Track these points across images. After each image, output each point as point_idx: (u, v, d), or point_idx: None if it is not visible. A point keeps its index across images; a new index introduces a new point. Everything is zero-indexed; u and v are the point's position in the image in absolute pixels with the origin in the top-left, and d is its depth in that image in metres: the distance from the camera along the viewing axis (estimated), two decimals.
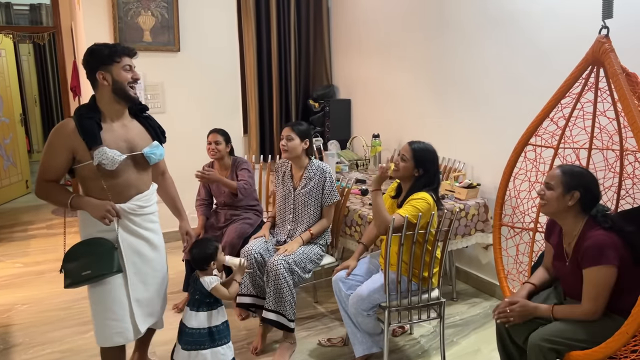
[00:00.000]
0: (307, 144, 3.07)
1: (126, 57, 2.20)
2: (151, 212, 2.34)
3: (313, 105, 5.26)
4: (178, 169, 4.84)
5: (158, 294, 2.42)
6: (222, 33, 4.90)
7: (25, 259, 4.48)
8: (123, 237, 2.22)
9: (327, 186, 3.08)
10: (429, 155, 2.66)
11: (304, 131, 3.05)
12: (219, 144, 3.49)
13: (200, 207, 3.66)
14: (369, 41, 4.80)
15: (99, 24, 4.38)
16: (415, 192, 2.61)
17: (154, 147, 2.29)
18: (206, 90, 4.89)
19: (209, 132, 3.56)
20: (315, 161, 3.14)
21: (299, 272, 2.94)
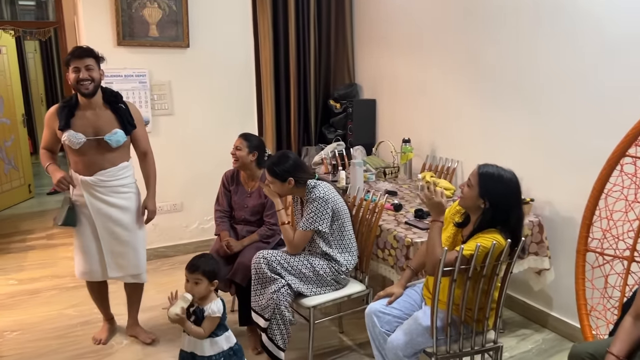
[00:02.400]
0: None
1: (75, 60, 2.62)
2: (118, 185, 2.80)
3: (334, 105, 4.82)
4: (187, 174, 4.45)
5: (133, 249, 2.90)
6: (236, 27, 4.46)
7: (20, 274, 4.09)
8: (90, 202, 2.77)
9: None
10: (500, 187, 2.13)
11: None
12: (240, 150, 3.06)
13: (222, 221, 3.22)
14: (396, 34, 4.34)
15: (99, 16, 3.96)
16: (484, 228, 2.14)
17: (112, 134, 2.70)
18: (218, 90, 4.46)
19: None
20: (319, 187, 2.68)
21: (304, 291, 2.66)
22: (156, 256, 4.41)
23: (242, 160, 3.06)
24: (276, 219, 3.09)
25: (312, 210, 2.60)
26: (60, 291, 3.77)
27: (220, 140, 4.48)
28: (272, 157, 2.77)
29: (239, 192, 3.20)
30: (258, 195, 3.13)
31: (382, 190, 3.55)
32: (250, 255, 2.97)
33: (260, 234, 3.10)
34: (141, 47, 4.10)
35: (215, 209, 3.28)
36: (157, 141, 4.23)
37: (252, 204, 3.15)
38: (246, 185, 3.18)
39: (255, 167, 3.12)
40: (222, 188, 3.26)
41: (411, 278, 2.49)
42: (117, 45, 4.02)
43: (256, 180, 3.15)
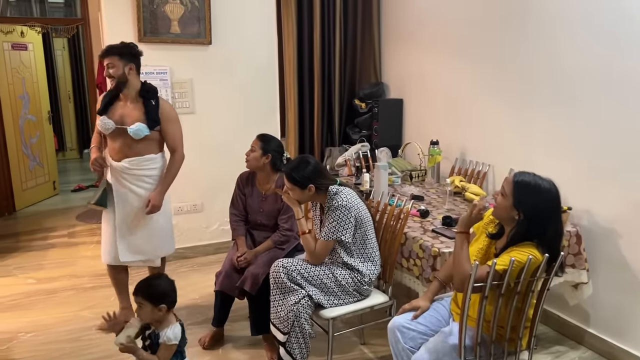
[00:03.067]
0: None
1: (101, 59, 2.90)
2: (142, 175, 2.95)
3: (359, 105, 4.66)
4: (208, 175, 4.36)
5: (148, 239, 3.05)
6: (259, 24, 4.34)
7: (39, 273, 4.06)
8: (115, 186, 2.97)
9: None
10: (536, 198, 1.95)
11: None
12: (253, 151, 2.94)
13: (237, 225, 3.11)
14: (425, 32, 4.16)
15: (121, 12, 3.89)
16: (519, 241, 1.97)
17: (134, 126, 2.84)
18: (240, 89, 4.35)
19: None
20: (341, 193, 2.52)
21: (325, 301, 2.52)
22: (175, 257, 4.33)
23: (252, 162, 2.94)
24: (291, 224, 2.97)
25: (335, 219, 2.45)
26: (78, 292, 3.72)
27: (241, 139, 4.32)
28: (291, 162, 2.62)
29: (254, 194, 3.08)
30: (274, 199, 3.00)
31: (407, 195, 3.39)
32: (260, 263, 2.86)
33: (274, 240, 2.97)
34: (162, 43, 4.02)
35: (231, 212, 3.16)
36: None
37: (267, 208, 3.03)
38: (261, 188, 3.06)
39: (271, 170, 2.99)
40: (237, 190, 3.14)
41: (438, 291, 2.33)
42: (138, 41, 3.93)
43: (271, 183, 3.02)
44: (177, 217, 4.29)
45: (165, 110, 2.94)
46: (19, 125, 5.82)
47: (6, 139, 5.58)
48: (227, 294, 2.95)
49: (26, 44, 5.92)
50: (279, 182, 3.00)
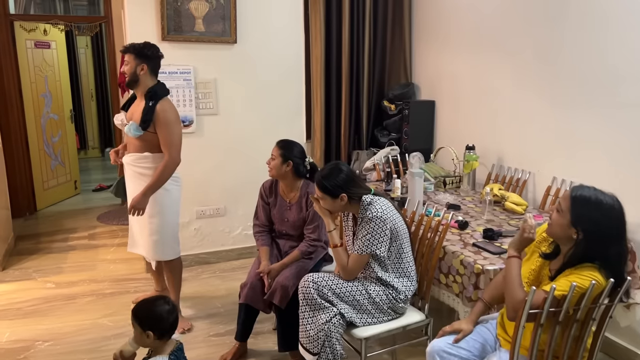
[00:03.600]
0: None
1: (123, 55, 2.98)
2: (138, 172, 3.01)
3: (388, 107, 4.47)
4: (231, 178, 4.21)
5: (141, 231, 3.09)
6: (286, 22, 4.18)
7: (58, 277, 3.96)
8: (126, 178, 3.14)
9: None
10: (597, 216, 1.75)
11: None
12: (273, 159, 2.79)
13: (261, 236, 2.96)
14: (460, 30, 3.95)
15: (144, 10, 3.77)
16: (577, 263, 1.77)
17: (128, 125, 2.93)
18: (265, 89, 4.20)
19: None
20: (375, 203, 2.33)
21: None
22: (197, 262, 4.20)
23: (275, 171, 2.79)
24: (318, 233, 2.80)
25: (369, 232, 2.27)
26: (97, 298, 3.60)
27: (266, 141, 4.18)
28: (323, 169, 2.45)
29: (278, 204, 2.92)
30: (298, 208, 2.84)
31: (443, 204, 3.19)
32: (289, 274, 2.69)
33: (302, 250, 2.80)
34: (186, 42, 3.88)
35: (254, 224, 3.01)
36: (201, 142, 4.03)
37: (292, 217, 2.87)
38: (285, 196, 2.90)
39: (294, 177, 2.83)
40: (260, 200, 2.99)
41: (483, 313, 2.14)
42: (161, 40, 3.81)
43: (296, 191, 2.86)
44: (199, 221, 4.17)
45: (159, 113, 2.87)
46: (40, 124, 5.76)
47: (28, 138, 5.53)
48: (253, 307, 2.80)
49: (49, 42, 5.86)
50: (303, 189, 2.84)
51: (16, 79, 5.33)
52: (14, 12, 5.54)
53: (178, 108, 3.91)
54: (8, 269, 4.10)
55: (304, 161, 2.86)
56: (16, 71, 5.32)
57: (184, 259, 4.14)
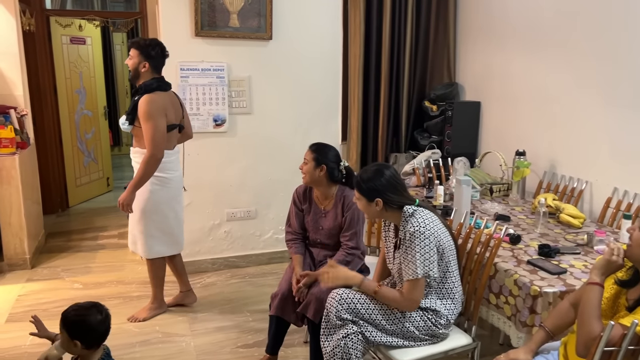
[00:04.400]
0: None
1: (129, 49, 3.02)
2: (134, 166, 3.08)
3: (430, 107, 4.23)
4: (263, 179, 4.05)
5: (131, 223, 3.13)
6: (324, 18, 4.00)
7: (86, 277, 3.88)
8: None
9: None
10: None
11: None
12: (306, 163, 2.61)
13: (294, 243, 2.78)
14: (511, 26, 3.68)
15: (178, 4, 3.63)
16: None
17: (120, 119, 3.07)
18: (300, 88, 4.02)
19: None
20: (418, 216, 2.10)
21: None
22: (227, 266, 4.06)
23: (309, 176, 2.61)
24: (356, 241, 2.60)
25: (418, 251, 2.05)
26: (124, 301, 3.50)
27: (300, 142, 4.04)
28: (367, 168, 2.25)
29: (312, 211, 2.74)
30: (334, 215, 2.65)
31: (491, 214, 2.95)
32: (322, 287, 2.50)
33: (338, 259, 2.60)
34: (220, 38, 3.74)
35: (286, 231, 2.84)
36: (233, 142, 3.88)
37: (327, 225, 2.68)
38: (320, 203, 2.71)
39: (328, 182, 2.64)
40: (293, 207, 2.81)
41: (544, 342, 1.90)
42: (194, 35, 3.68)
43: (331, 198, 2.67)
44: (229, 224, 4.03)
45: (140, 107, 2.87)
46: (74, 120, 5.73)
47: (62, 134, 5.50)
48: (284, 319, 2.63)
49: (85, 38, 5.82)
50: (338, 195, 2.65)
51: (51, 74, 5.31)
52: (49, 7, 5.51)
53: (210, 106, 3.81)
54: (37, 267, 4.05)
55: (339, 165, 2.67)
56: (51, 67, 5.30)
57: (214, 262, 4.04)
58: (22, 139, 4.10)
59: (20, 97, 4.24)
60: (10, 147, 3.90)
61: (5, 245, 3.91)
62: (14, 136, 3.93)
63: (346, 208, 2.59)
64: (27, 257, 3.98)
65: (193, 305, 3.44)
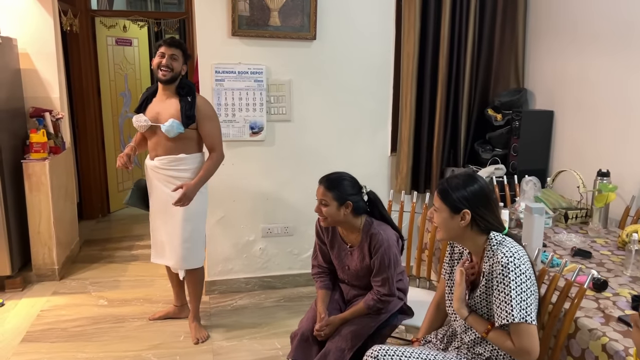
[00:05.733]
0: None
1: (164, 47, 2.75)
2: (172, 176, 2.80)
3: (493, 116, 3.73)
4: (302, 193, 3.65)
5: (171, 242, 2.88)
6: (374, 16, 3.60)
7: (113, 292, 3.65)
8: (150, 185, 2.92)
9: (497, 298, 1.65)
10: None
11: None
12: (326, 205, 2.18)
13: (320, 277, 2.40)
14: (590, 25, 3.14)
15: (214, 1, 3.34)
16: None
17: (167, 123, 2.71)
18: (346, 93, 3.64)
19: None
20: (509, 245, 1.68)
21: None
22: (261, 286, 3.73)
23: (332, 219, 2.19)
24: (389, 287, 2.16)
25: (513, 288, 1.60)
26: (147, 323, 3.22)
27: (344, 153, 3.68)
28: (454, 175, 1.81)
29: (336, 246, 2.34)
30: (361, 254, 2.23)
31: (567, 248, 2.45)
32: (347, 333, 2.17)
33: (369, 305, 2.19)
34: (259, 38, 3.41)
35: (312, 264, 2.47)
36: (270, 152, 3.55)
37: (354, 266, 2.28)
38: (346, 238, 2.31)
39: (353, 217, 2.22)
40: (316, 238, 2.42)
41: None
42: (231, 35, 3.37)
43: (357, 232, 2.25)
44: (265, 240, 3.69)
45: (202, 106, 2.79)
46: (118, 124, 5.61)
47: (105, 138, 5.38)
48: None
49: (131, 39, 5.69)
50: (365, 230, 2.22)
51: (95, 76, 5.18)
52: (96, 8, 5.41)
53: (246, 113, 3.49)
54: (66, 279, 3.87)
55: (362, 193, 2.24)
56: (95, 69, 5.17)
57: (247, 282, 3.72)
58: (55, 144, 3.94)
59: (57, 99, 4.09)
60: (42, 152, 3.74)
61: (34, 255, 3.75)
62: (46, 140, 3.77)
63: (374, 249, 2.17)
64: (55, 268, 3.80)
65: (220, 332, 3.12)
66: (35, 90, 4.02)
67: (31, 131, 3.75)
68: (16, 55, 3.86)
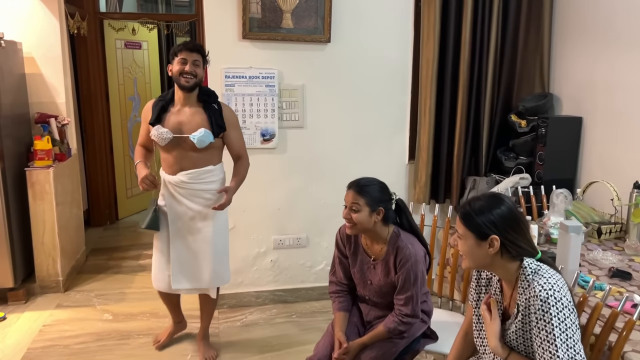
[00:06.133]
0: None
1: (185, 52, 2.53)
2: (200, 189, 2.61)
3: (517, 122, 3.54)
4: (316, 202, 3.50)
5: (202, 260, 2.68)
6: (392, 16, 3.43)
7: (118, 306, 3.51)
8: (169, 202, 2.66)
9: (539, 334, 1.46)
10: None
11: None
12: (357, 211, 2.01)
13: (338, 297, 2.23)
14: (620, 26, 2.94)
15: (223, 1, 3.19)
16: None
17: (197, 133, 2.52)
18: (362, 98, 3.47)
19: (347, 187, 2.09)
20: (546, 274, 1.49)
21: None
22: (272, 300, 3.57)
23: (362, 226, 2.01)
24: (412, 307, 1.99)
25: (556, 326, 1.41)
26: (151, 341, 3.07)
27: (360, 161, 3.51)
28: (476, 196, 1.62)
29: (358, 259, 2.17)
30: (385, 268, 2.07)
31: (604, 267, 2.25)
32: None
33: (389, 327, 2.02)
34: (271, 41, 3.26)
35: (330, 280, 2.29)
36: (282, 160, 3.40)
37: (377, 280, 2.11)
38: (368, 249, 2.14)
39: (382, 225, 2.06)
40: (336, 251, 2.25)
41: None
42: (242, 38, 3.22)
43: (383, 243, 2.08)
44: (276, 252, 3.53)
45: (228, 114, 2.67)
46: (127, 129, 5.48)
47: (113, 143, 5.25)
48: None
49: (140, 42, 5.57)
50: (392, 242, 2.05)
51: (103, 80, 5.06)
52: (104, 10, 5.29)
53: (257, 119, 3.34)
54: (71, 290, 3.74)
55: (392, 200, 2.08)
56: (103, 72, 5.05)
57: (258, 296, 3.56)
58: (61, 150, 3.81)
59: (63, 104, 3.97)
60: (47, 159, 3.62)
61: (38, 266, 3.63)
62: (50, 148, 3.65)
63: (399, 263, 2.00)
64: (60, 280, 3.67)
65: (229, 351, 2.96)
66: (41, 96, 3.90)
67: (35, 138, 3.62)
68: (21, 60, 3.75)
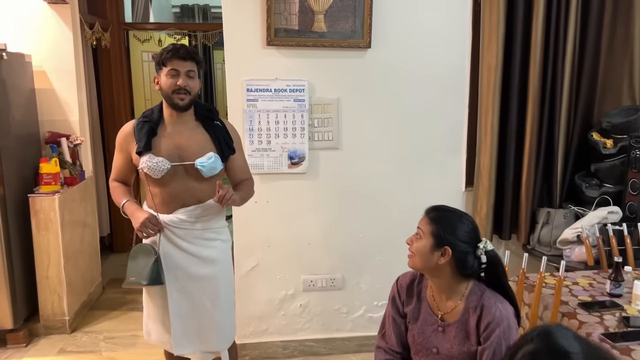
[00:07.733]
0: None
1: (175, 61, 2.05)
2: (203, 228, 2.16)
3: (601, 142, 2.90)
4: (353, 238, 2.92)
5: (208, 317, 2.20)
6: (445, 17, 2.90)
7: (127, 353, 3.09)
8: (165, 249, 2.12)
9: None
10: None
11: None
12: (419, 238, 1.64)
13: None
14: None
15: (246, 4, 2.74)
16: None
17: (206, 159, 2.08)
18: (408, 114, 2.93)
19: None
20: None
21: None
22: (302, 352, 3.05)
23: (421, 260, 1.56)
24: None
25: None
26: None
27: (406, 188, 2.98)
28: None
29: (420, 318, 1.65)
30: (462, 333, 1.55)
31: None
32: None
33: None
34: (300, 47, 2.77)
35: (378, 345, 1.77)
36: (314, 186, 2.90)
37: (447, 348, 1.57)
38: (436, 307, 1.62)
39: (454, 275, 1.56)
40: (390, 306, 1.74)
41: None
42: (266, 44, 2.75)
43: (457, 299, 1.57)
44: (306, 295, 3.02)
45: (233, 132, 2.24)
46: None
47: None
48: None
49: None
50: (472, 299, 1.53)
51: (128, 95, 4.73)
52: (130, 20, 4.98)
53: (285, 139, 2.84)
54: (78, 331, 3.35)
55: (476, 248, 1.54)
56: (129, 87, 4.72)
57: (285, 346, 3.05)
58: (71, 173, 3.45)
59: (76, 122, 3.64)
60: (54, 183, 3.25)
61: (42, 304, 3.25)
62: (58, 171, 3.28)
63: (486, 329, 1.49)
64: (66, 319, 3.29)
65: None
66: (52, 113, 3.57)
67: (41, 160, 3.26)
68: (30, 74, 3.42)
